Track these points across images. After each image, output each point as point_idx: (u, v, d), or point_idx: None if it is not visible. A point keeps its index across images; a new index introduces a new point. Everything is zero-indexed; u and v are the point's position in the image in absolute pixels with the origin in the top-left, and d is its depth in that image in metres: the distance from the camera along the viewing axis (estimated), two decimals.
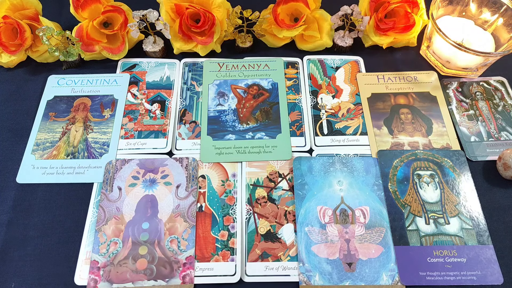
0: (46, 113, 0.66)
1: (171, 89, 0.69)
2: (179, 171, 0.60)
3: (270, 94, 0.68)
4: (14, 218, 0.56)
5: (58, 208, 0.57)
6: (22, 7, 0.69)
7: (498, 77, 0.71)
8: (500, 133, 0.65)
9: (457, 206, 0.57)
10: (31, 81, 0.70)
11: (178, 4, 0.68)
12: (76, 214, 0.57)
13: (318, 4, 0.72)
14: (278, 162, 0.61)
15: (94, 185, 0.59)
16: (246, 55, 0.73)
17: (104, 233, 0.55)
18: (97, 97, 0.68)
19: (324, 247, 0.54)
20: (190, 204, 0.57)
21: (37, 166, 0.60)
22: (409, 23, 0.69)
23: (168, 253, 0.54)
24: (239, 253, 0.54)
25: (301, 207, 0.57)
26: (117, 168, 0.60)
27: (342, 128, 0.65)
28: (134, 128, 0.64)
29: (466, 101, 0.68)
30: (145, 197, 0.58)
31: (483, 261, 0.53)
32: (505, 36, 0.68)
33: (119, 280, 0.52)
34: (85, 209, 0.57)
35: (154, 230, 0.55)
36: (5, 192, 0.59)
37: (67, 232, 0.56)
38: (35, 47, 0.69)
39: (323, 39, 0.72)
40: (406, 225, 0.56)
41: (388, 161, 0.61)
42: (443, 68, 0.71)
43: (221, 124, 0.65)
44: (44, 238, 0.55)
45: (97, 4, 0.68)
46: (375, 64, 0.73)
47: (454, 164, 0.61)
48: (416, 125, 0.65)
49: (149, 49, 0.72)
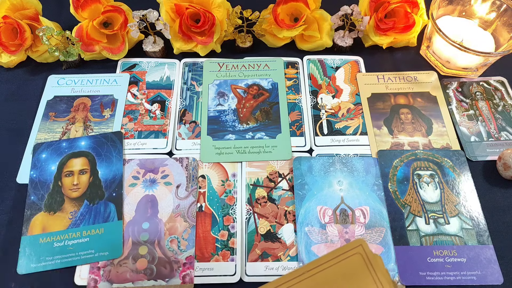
0: (46, 113, 0.66)
1: (171, 89, 0.69)
2: (179, 171, 0.60)
3: (270, 94, 0.68)
4: (14, 218, 0.56)
5: None
6: (22, 7, 0.69)
7: (498, 77, 0.71)
8: (500, 133, 0.65)
9: (457, 206, 0.57)
10: (31, 81, 0.70)
11: (178, 4, 0.68)
12: None
13: (318, 4, 0.72)
14: (278, 162, 0.61)
15: None
16: (246, 55, 0.73)
17: None
18: (97, 97, 0.68)
19: (324, 247, 0.54)
20: (190, 204, 0.57)
21: None
22: (409, 23, 0.69)
23: (168, 253, 0.54)
24: (239, 253, 0.54)
25: (301, 207, 0.57)
26: None
27: (342, 128, 0.65)
28: (134, 128, 0.64)
29: (466, 101, 0.68)
30: (145, 197, 0.58)
31: (483, 261, 0.53)
32: (505, 36, 0.68)
33: (119, 280, 0.52)
34: None
35: (154, 230, 0.55)
36: (5, 192, 0.59)
37: None
38: (35, 47, 0.69)
39: (323, 39, 0.72)
40: (406, 225, 0.56)
41: (388, 161, 0.61)
42: (443, 68, 0.71)
43: (221, 124, 0.65)
44: None
45: (97, 4, 0.68)
46: (375, 64, 0.73)
47: (454, 164, 0.61)
48: (416, 125, 0.65)
49: (149, 49, 0.72)
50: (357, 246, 0.39)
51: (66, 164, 0.59)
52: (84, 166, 0.59)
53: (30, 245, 0.54)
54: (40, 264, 0.52)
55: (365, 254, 0.39)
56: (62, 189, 0.57)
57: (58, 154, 0.60)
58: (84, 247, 0.53)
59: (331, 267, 0.38)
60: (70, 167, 0.59)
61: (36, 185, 0.58)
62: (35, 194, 0.57)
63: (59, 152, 0.60)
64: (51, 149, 0.60)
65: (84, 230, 0.54)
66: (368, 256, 0.39)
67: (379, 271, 0.38)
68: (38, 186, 0.58)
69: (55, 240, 0.54)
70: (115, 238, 0.54)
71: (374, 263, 0.38)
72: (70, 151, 0.60)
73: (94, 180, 0.58)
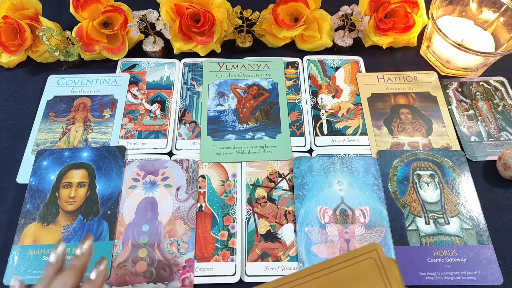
0: (46, 113, 0.66)
1: (171, 89, 0.69)
2: (179, 173, 0.60)
3: (270, 94, 0.68)
4: (14, 218, 0.56)
5: None
6: (22, 7, 0.69)
7: (498, 77, 0.71)
8: (500, 133, 0.65)
9: (457, 206, 0.57)
10: (31, 81, 0.70)
11: (178, 4, 0.68)
12: None
13: (318, 4, 0.71)
14: (278, 162, 0.61)
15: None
16: (246, 55, 0.73)
17: None
18: (97, 97, 0.68)
19: (324, 247, 0.54)
20: (190, 207, 0.57)
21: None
22: (409, 23, 0.69)
23: (167, 255, 0.54)
24: (239, 253, 0.54)
25: (301, 207, 0.57)
26: None
27: (342, 128, 0.65)
28: (134, 128, 0.64)
29: (466, 101, 0.68)
30: (145, 199, 0.58)
31: (483, 261, 0.53)
32: (505, 36, 0.68)
33: (119, 282, 0.52)
34: None
35: (154, 232, 0.55)
36: (5, 192, 0.59)
37: None
38: (35, 47, 0.69)
39: (323, 39, 0.72)
40: (406, 225, 0.56)
41: (388, 161, 0.61)
42: (443, 68, 0.71)
43: (221, 124, 0.65)
44: None
45: (97, 4, 0.68)
46: (375, 64, 0.73)
47: (454, 164, 0.61)
48: (416, 125, 0.65)
49: (149, 49, 0.72)
50: (371, 251, 0.38)
51: (66, 174, 0.59)
52: (83, 179, 0.59)
53: (19, 255, 0.53)
54: (27, 277, 0.52)
55: (379, 259, 0.38)
56: (58, 200, 0.57)
57: (60, 163, 0.60)
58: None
59: (341, 270, 0.37)
60: (70, 178, 0.59)
61: (34, 194, 0.57)
62: (31, 202, 0.56)
63: (61, 161, 0.60)
64: (53, 157, 0.60)
65: (74, 246, 0.53)
66: (382, 262, 0.38)
67: (392, 278, 0.37)
68: (35, 194, 0.57)
69: (45, 254, 0.53)
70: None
71: (387, 269, 0.37)
72: (71, 161, 0.60)
73: (91, 195, 0.57)
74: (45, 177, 0.58)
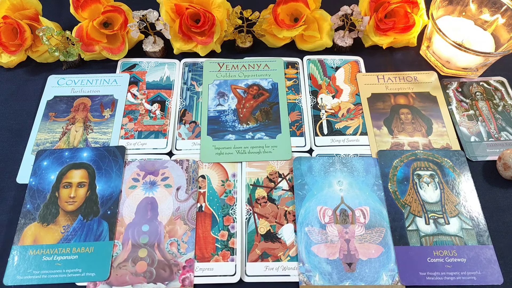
0: (46, 113, 0.66)
1: (171, 89, 0.69)
2: (180, 174, 0.60)
3: (270, 94, 0.68)
4: (14, 218, 0.56)
5: None
6: (22, 7, 0.69)
7: (498, 77, 0.71)
8: (500, 133, 0.65)
9: (457, 206, 0.57)
10: (31, 81, 0.70)
11: (178, 4, 0.68)
12: None
13: (318, 4, 0.71)
14: (278, 162, 0.61)
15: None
16: (246, 55, 0.73)
17: None
18: (97, 97, 0.68)
19: (324, 247, 0.54)
20: (190, 207, 0.57)
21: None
22: (409, 23, 0.69)
23: (167, 255, 0.54)
24: (239, 253, 0.54)
25: (301, 207, 0.57)
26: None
27: (342, 128, 0.65)
28: (134, 128, 0.64)
29: (466, 101, 0.68)
30: (145, 199, 0.58)
31: (483, 261, 0.53)
32: (505, 36, 0.68)
33: (119, 282, 0.52)
34: None
35: (154, 232, 0.55)
36: (5, 192, 0.59)
37: None
38: (35, 47, 0.69)
39: (323, 39, 0.72)
40: (406, 225, 0.56)
41: (388, 161, 0.61)
42: (443, 68, 0.71)
43: (221, 124, 0.65)
44: None
45: (97, 4, 0.68)
46: (375, 64, 0.73)
47: (454, 164, 0.61)
48: (416, 125, 0.65)
49: (149, 49, 0.72)
50: None
51: (66, 174, 0.59)
52: (83, 179, 0.58)
53: (19, 256, 0.53)
54: (27, 277, 0.51)
55: None
56: (58, 200, 0.57)
57: (60, 163, 0.60)
58: (72, 264, 0.52)
59: None
60: (69, 178, 0.59)
61: (34, 194, 0.57)
62: (31, 202, 0.56)
63: (61, 161, 0.60)
64: (53, 157, 0.60)
65: (74, 247, 0.53)
66: None
67: None
68: (35, 194, 0.57)
69: (45, 254, 0.53)
70: (104, 259, 0.53)
71: None
72: (71, 161, 0.60)
73: (91, 195, 0.57)
74: (45, 177, 0.58)
